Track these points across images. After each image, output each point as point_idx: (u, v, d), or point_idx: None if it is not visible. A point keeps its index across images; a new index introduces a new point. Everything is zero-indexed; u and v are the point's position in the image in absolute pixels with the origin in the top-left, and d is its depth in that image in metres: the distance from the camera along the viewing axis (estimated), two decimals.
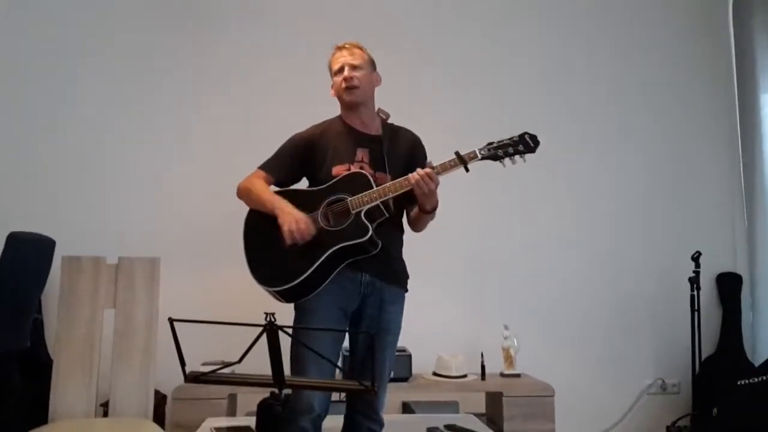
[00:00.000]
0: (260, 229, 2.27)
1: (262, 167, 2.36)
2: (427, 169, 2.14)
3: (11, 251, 2.65)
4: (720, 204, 4.12)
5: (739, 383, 3.45)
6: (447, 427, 2.78)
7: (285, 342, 1.66)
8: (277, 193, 2.32)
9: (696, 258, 3.74)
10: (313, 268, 2.13)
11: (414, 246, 3.82)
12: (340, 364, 2.28)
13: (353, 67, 2.32)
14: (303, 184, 2.40)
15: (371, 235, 2.14)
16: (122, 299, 2.96)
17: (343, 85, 2.31)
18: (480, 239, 3.93)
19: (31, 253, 2.87)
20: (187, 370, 1.64)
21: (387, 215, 2.22)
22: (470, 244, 3.92)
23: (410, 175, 2.16)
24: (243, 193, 2.33)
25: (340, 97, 2.36)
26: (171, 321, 1.60)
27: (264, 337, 1.59)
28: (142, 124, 3.84)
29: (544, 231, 3.98)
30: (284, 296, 2.20)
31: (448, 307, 3.85)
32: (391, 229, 2.30)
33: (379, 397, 2.23)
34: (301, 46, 3.86)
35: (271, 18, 3.97)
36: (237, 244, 2.32)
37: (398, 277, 2.35)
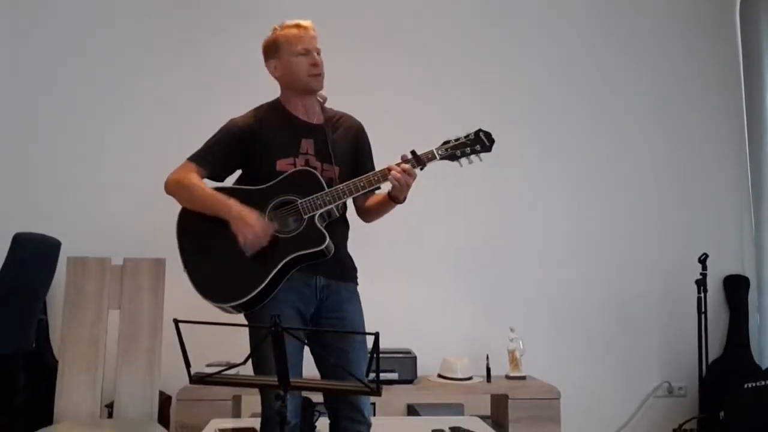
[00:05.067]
0: (199, 234, 2.11)
1: (194, 159, 2.15)
2: (405, 165, 2.06)
3: (17, 252, 2.65)
4: (727, 206, 4.10)
5: (746, 386, 3.43)
6: (452, 429, 2.77)
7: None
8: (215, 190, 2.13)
9: (703, 260, 3.71)
10: (267, 281, 2.00)
11: (419, 248, 3.83)
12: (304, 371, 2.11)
13: (318, 53, 2.17)
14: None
15: (329, 242, 2.03)
16: (127, 300, 2.97)
17: (313, 71, 2.14)
18: (486, 241, 3.92)
19: (37, 254, 2.88)
20: (192, 371, 1.64)
21: (338, 215, 2.13)
22: (476, 245, 3.90)
23: (390, 172, 2.05)
24: (175, 189, 2.13)
25: (299, 81, 2.15)
26: (176, 322, 1.60)
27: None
28: (148, 124, 3.85)
29: (551, 233, 3.97)
30: (235, 309, 2.06)
31: (454, 310, 3.84)
32: (338, 225, 2.17)
33: (363, 398, 2.12)
34: None
35: (272, 20, 3.96)
36: None
37: (350, 274, 2.21)
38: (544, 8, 4.13)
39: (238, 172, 2.24)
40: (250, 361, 1.66)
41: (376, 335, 1.60)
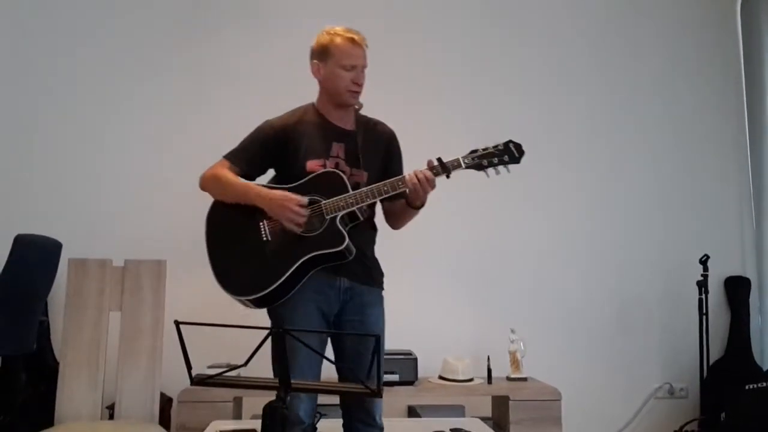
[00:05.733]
0: (226, 227, 2.17)
1: (228, 157, 2.22)
2: (427, 172, 2.08)
3: (18, 253, 2.65)
4: (728, 207, 4.10)
5: (747, 388, 3.43)
6: (453, 431, 2.77)
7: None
8: None
9: (704, 261, 3.71)
10: (284, 278, 2.04)
11: (420, 249, 3.81)
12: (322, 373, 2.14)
13: (364, 69, 2.21)
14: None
15: (348, 244, 2.05)
16: (128, 302, 2.97)
17: (354, 88, 2.19)
18: (487, 243, 3.92)
19: (38, 255, 2.88)
20: (193, 372, 1.64)
21: (362, 219, 2.15)
22: (478, 247, 3.90)
23: (407, 177, 2.09)
24: (210, 183, 2.20)
25: (337, 92, 2.20)
26: (177, 324, 1.60)
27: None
28: (150, 126, 3.85)
29: (552, 234, 3.97)
30: (254, 304, 2.12)
31: (455, 311, 3.84)
32: (365, 229, 2.21)
33: (376, 402, 2.16)
34: (305, 47, 3.86)
35: (276, 18, 3.96)
36: None
37: (375, 278, 2.25)
38: (544, 8, 4.13)
39: (271, 173, 2.27)
40: (251, 362, 1.66)
41: (377, 338, 1.60)
